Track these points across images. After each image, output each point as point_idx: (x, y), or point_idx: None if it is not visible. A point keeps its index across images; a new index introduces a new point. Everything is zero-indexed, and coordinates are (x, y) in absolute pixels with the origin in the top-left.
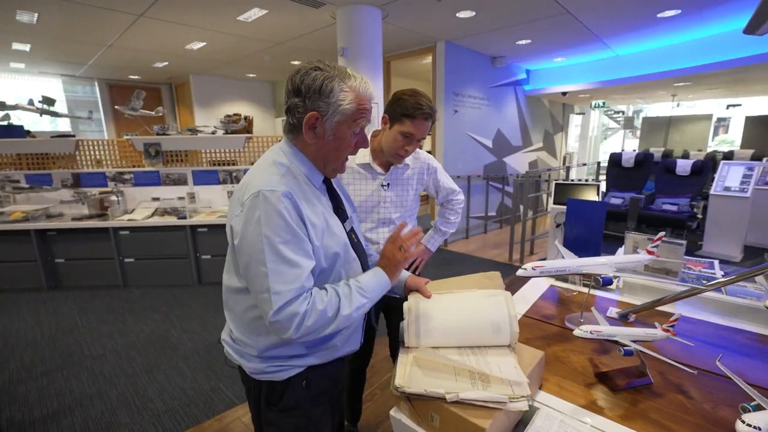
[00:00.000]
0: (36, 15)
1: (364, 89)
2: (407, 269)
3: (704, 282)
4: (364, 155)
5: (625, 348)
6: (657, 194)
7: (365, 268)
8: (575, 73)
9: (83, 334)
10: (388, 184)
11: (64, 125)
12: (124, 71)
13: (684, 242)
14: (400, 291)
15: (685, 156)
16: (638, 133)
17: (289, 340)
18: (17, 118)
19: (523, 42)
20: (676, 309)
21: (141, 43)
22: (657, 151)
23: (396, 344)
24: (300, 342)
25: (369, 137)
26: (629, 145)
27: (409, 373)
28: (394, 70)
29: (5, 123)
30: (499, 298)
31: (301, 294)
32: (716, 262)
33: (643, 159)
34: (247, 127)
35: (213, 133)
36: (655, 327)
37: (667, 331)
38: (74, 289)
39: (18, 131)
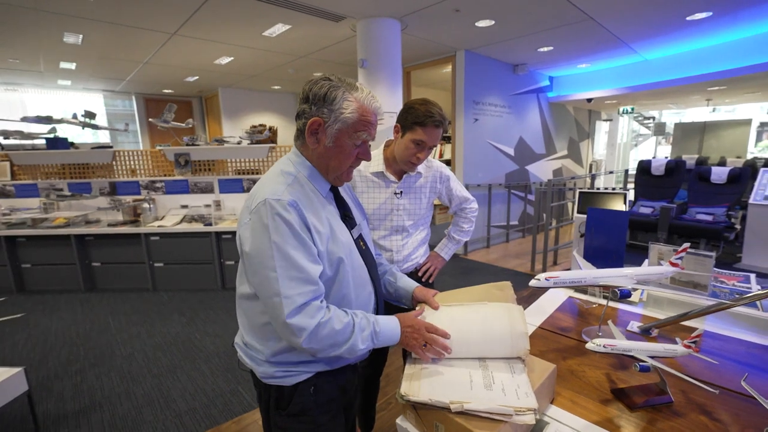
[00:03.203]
0: (81, 36)
1: (369, 102)
2: (418, 280)
3: (737, 297)
4: (377, 164)
5: (641, 364)
6: (690, 203)
7: (373, 275)
8: (601, 79)
9: (115, 334)
10: (401, 191)
11: (104, 137)
12: (159, 86)
13: (713, 254)
14: (407, 302)
15: (722, 163)
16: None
17: (298, 347)
18: (62, 131)
19: (545, 49)
20: (704, 325)
21: (174, 59)
22: (690, 159)
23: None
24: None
25: (382, 147)
26: (662, 152)
27: (415, 382)
28: (414, 80)
29: (52, 136)
30: (509, 312)
31: (315, 299)
32: (752, 276)
33: (675, 166)
34: (272, 137)
35: (238, 143)
36: (676, 343)
37: (688, 347)
38: (108, 292)
39: (62, 143)
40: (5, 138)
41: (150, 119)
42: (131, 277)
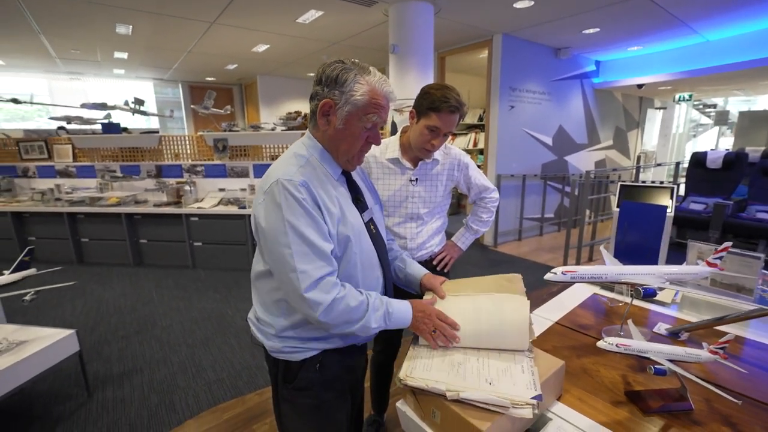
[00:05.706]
0: (131, 27)
1: (380, 86)
2: (432, 268)
3: None
4: (393, 150)
5: (656, 366)
6: (750, 200)
7: (383, 259)
8: (654, 63)
9: (157, 306)
10: (417, 179)
11: (156, 123)
12: (202, 74)
13: (761, 255)
14: (416, 288)
15: None
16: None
17: (314, 321)
18: (117, 117)
19: (591, 31)
20: (746, 332)
21: (214, 47)
22: (755, 151)
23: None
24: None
25: (399, 133)
26: (724, 144)
27: (416, 367)
28: (449, 65)
29: (106, 121)
30: (514, 304)
31: (330, 274)
32: None
33: (734, 159)
34: (305, 123)
35: (272, 129)
36: (702, 347)
37: (714, 353)
38: (153, 267)
39: (115, 128)
40: (68, 123)
41: (192, 106)
42: (173, 255)
